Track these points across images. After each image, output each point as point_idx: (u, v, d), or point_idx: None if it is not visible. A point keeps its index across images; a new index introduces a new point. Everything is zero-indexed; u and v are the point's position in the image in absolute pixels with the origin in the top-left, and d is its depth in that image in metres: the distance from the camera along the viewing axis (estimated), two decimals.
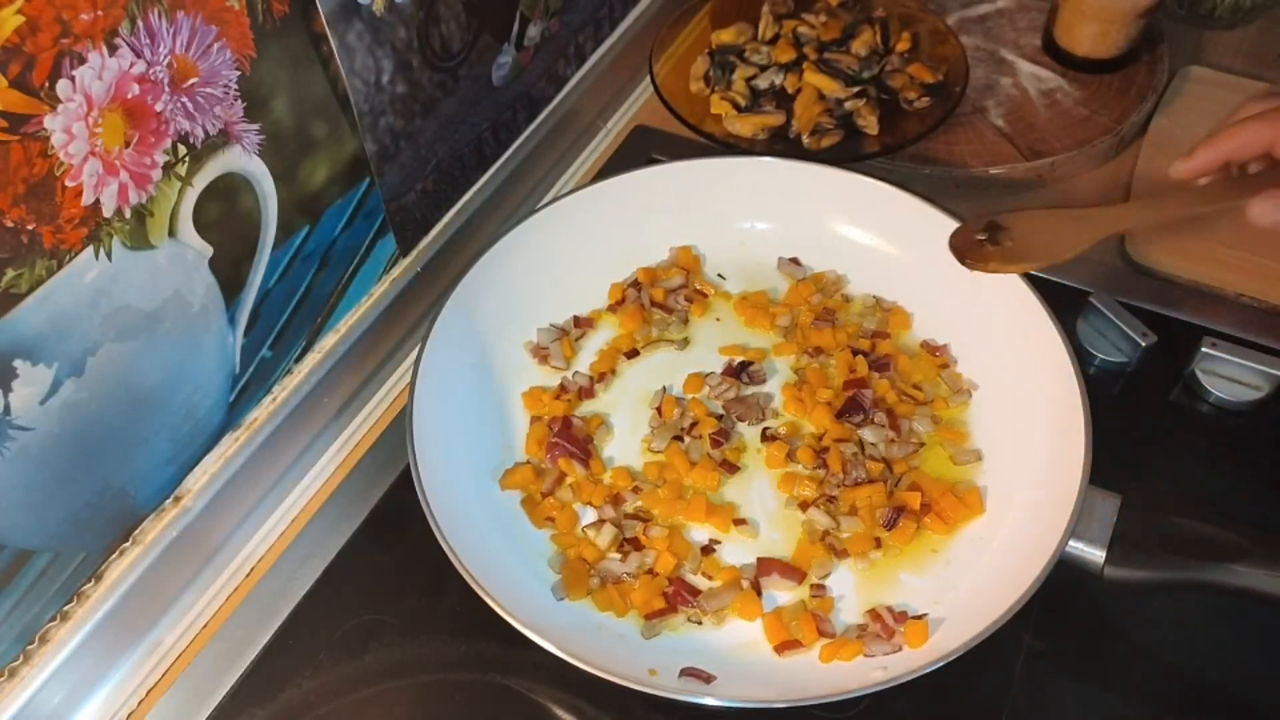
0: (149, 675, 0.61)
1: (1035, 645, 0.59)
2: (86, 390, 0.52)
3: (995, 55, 0.91)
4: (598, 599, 0.60)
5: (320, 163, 0.62)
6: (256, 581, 0.65)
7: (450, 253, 0.77)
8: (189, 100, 0.52)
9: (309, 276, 0.65)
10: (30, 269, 0.47)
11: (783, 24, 0.87)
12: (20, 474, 0.51)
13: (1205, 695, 0.59)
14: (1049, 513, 0.57)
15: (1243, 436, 0.69)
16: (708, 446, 0.66)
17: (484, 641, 0.60)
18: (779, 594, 0.61)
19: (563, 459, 0.65)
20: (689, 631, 0.59)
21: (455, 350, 0.67)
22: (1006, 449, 0.65)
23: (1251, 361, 0.69)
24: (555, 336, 0.72)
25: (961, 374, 0.69)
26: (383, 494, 0.68)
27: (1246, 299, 0.74)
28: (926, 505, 0.62)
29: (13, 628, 0.54)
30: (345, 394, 0.72)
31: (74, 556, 0.56)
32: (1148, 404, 0.70)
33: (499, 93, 0.78)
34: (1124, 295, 0.73)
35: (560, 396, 0.69)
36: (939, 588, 0.60)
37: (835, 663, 0.57)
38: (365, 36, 0.62)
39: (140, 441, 0.57)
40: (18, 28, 0.42)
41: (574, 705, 0.58)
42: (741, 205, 0.76)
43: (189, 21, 0.50)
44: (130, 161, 0.50)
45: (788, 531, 0.63)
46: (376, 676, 0.60)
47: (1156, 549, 0.56)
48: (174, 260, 0.55)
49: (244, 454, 0.64)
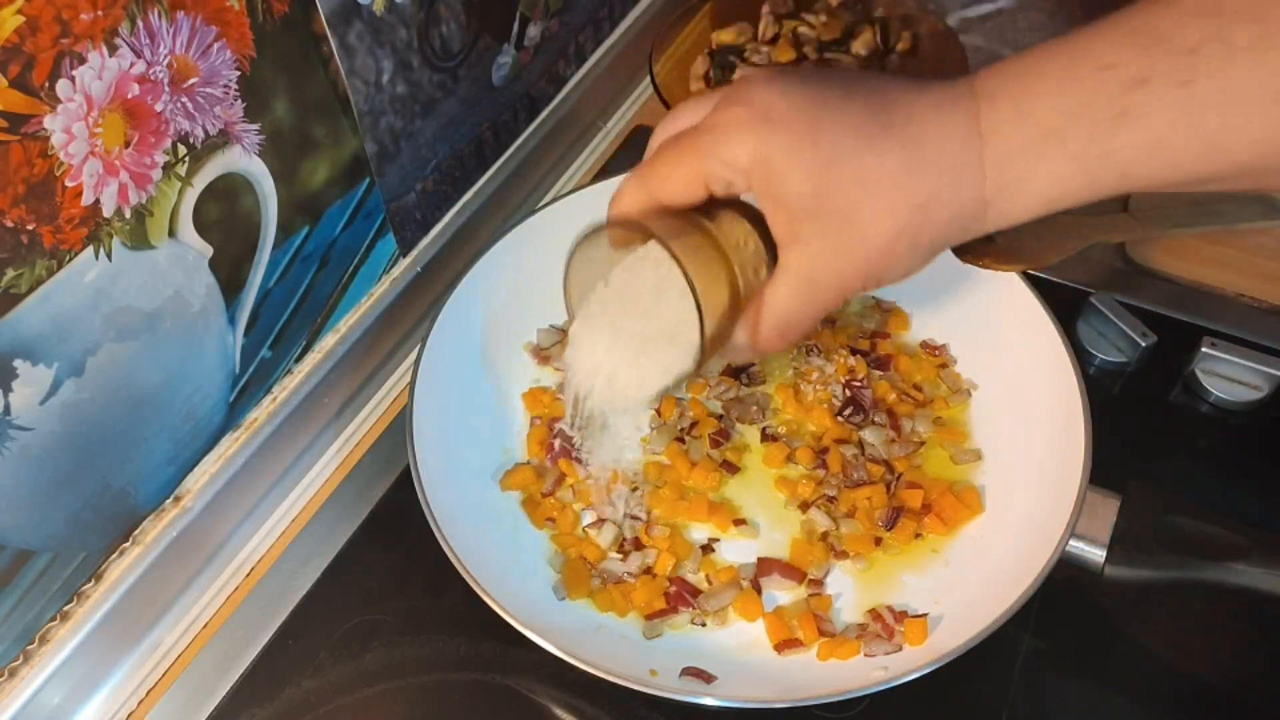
0: (149, 675, 0.61)
1: (1035, 645, 0.59)
2: (86, 390, 0.52)
3: (996, 55, 0.91)
4: (599, 600, 0.60)
5: (320, 163, 0.62)
6: (256, 581, 0.65)
7: (450, 253, 0.77)
8: (189, 100, 0.52)
9: (309, 276, 0.65)
10: (30, 269, 0.47)
11: (783, 24, 0.87)
12: (20, 474, 0.51)
13: (1205, 695, 0.59)
14: (1049, 513, 0.57)
15: (1243, 436, 0.69)
16: (708, 447, 0.66)
17: (484, 641, 0.60)
18: (779, 594, 0.61)
19: (563, 459, 0.65)
20: (690, 632, 0.59)
21: (455, 351, 0.67)
22: (1006, 449, 0.65)
23: (1251, 361, 0.69)
24: (556, 339, 0.72)
25: (961, 374, 0.69)
26: (383, 494, 0.68)
27: (1246, 299, 0.74)
28: (926, 505, 0.62)
29: (13, 628, 0.54)
30: (345, 394, 0.72)
31: (74, 556, 0.56)
32: (1148, 404, 0.70)
33: (499, 93, 0.78)
34: (1124, 295, 0.73)
35: (560, 396, 0.69)
36: (939, 588, 0.60)
37: (836, 663, 0.57)
38: (365, 36, 0.62)
39: (140, 441, 0.57)
40: (18, 28, 0.42)
41: (574, 705, 0.58)
42: None
43: (189, 21, 0.50)
44: (130, 161, 0.50)
45: (788, 531, 0.63)
46: (376, 676, 0.60)
47: (1156, 549, 0.56)
48: (174, 260, 0.55)
49: (244, 454, 0.64)
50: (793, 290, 0.46)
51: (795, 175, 0.44)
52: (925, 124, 0.44)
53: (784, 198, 0.44)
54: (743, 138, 0.44)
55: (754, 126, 0.44)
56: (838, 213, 0.44)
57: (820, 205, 0.44)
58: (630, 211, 0.48)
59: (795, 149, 0.43)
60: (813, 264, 0.45)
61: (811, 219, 0.44)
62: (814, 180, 0.43)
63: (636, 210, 0.48)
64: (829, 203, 0.44)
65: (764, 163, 0.44)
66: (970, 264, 0.65)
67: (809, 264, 0.45)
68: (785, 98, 0.44)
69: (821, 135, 0.43)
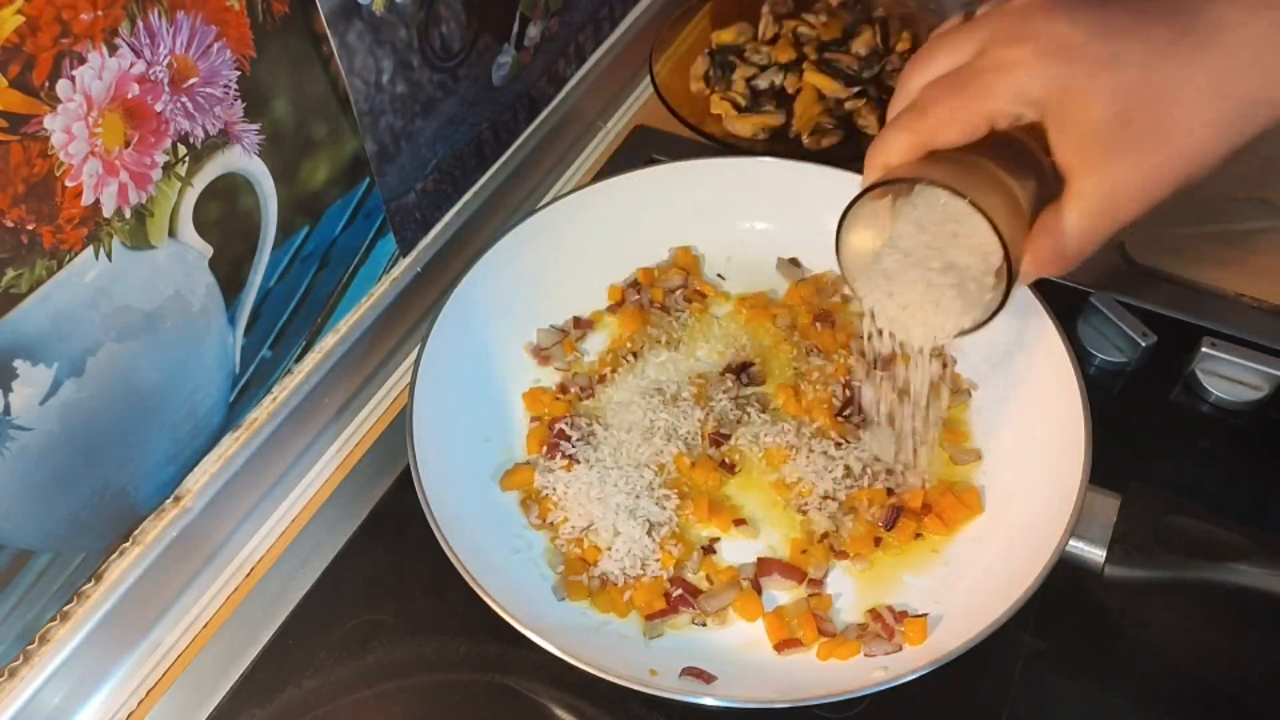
0: (149, 675, 0.61)
1: (1035, 645, 0.59)
2: (86, 390, 0.52)
3: None
4: (598, 602, 0.60)
5: (320, 163, 0.62)
6: (256, 581, 0.65)
7: (450, 253, 0.77)
8: (189, 100, 0.52)
9: (309, 276, 0.65)
10: (30, 269, 0.47)
11: (783, 24, 0.87)
12: (20, 474, 0.51)
13: (1205, 695, 0.59)
14: (1049, 513, 0.57)
15: (1243, 436, 0.69)
16: (708, 446, 0.66)
17: (484, 641, 0.60)
18: (779, 594, 0.61)
19: (563, 459, 0.65)
20: (690, 632, 0.59)
21: (455, 350, 0.67)
22: (1006, 449, 0.65)
23: (1251, 361, 0.69)
24: (556, 339, 0.72)
25: (961, 374, 0.69)
26: (383, 494, 0.68)
27: (1246, 299, 0.74)
28: (926, 505, 0.62)
29: (13, 628, 0.54)
30: (345, 394, 0.72)
31: (74, 556, 0.56)
32: (1148, 404, 0.70)
33: (499, 93, 0.78)
34: (1124, 295, 0.73)
35: (560, 397, 0.69)
36: (939, 588, 0.60)
37: (836, 663, 0.57)
38: (365, 36, 0.62)
39: (140, 441, 0.57)
40: (18, 28, 0.42)
41: (574, 705, 0.58)
42: (741, 205, 0.76)
43: (189, 21, 0.50)
44: (130, 161, 0.50)
45: (787, 531, 0.63)
46: (376, 676, 0.60)
47: (1156, 549, 0.56)
48: (174, 260, 0.55)
49: (244, 454, 0.64)
50: (1090, 214, 0.47)
51: (1098, 103, 0.44)
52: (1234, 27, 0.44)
53: (1086, 125, 0.45)
54: (1037, 72, 0.45)
55: (1048, 59, 0.45)
56: (1146, 133, 0.45)
57: (1127, 129, 0.45)
58: (900, 163, 0.49)
59: (1097, 75, 0.44)
60: (1115, 186, 0.46)
61: (1114, 143, 0.45)
62: (1119, 104, 0.44)
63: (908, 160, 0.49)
64: (1137, 125, 0.44)
65: (1062, 94, 0.45)
66: None
67: (1110, 186, 0.46)
68: (1076, 25, 0.44)
69: (1124, 58, 0.44)
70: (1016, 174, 0.48)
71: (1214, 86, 0.44)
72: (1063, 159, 0.46)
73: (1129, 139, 0.45)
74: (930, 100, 0.48)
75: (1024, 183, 0.48)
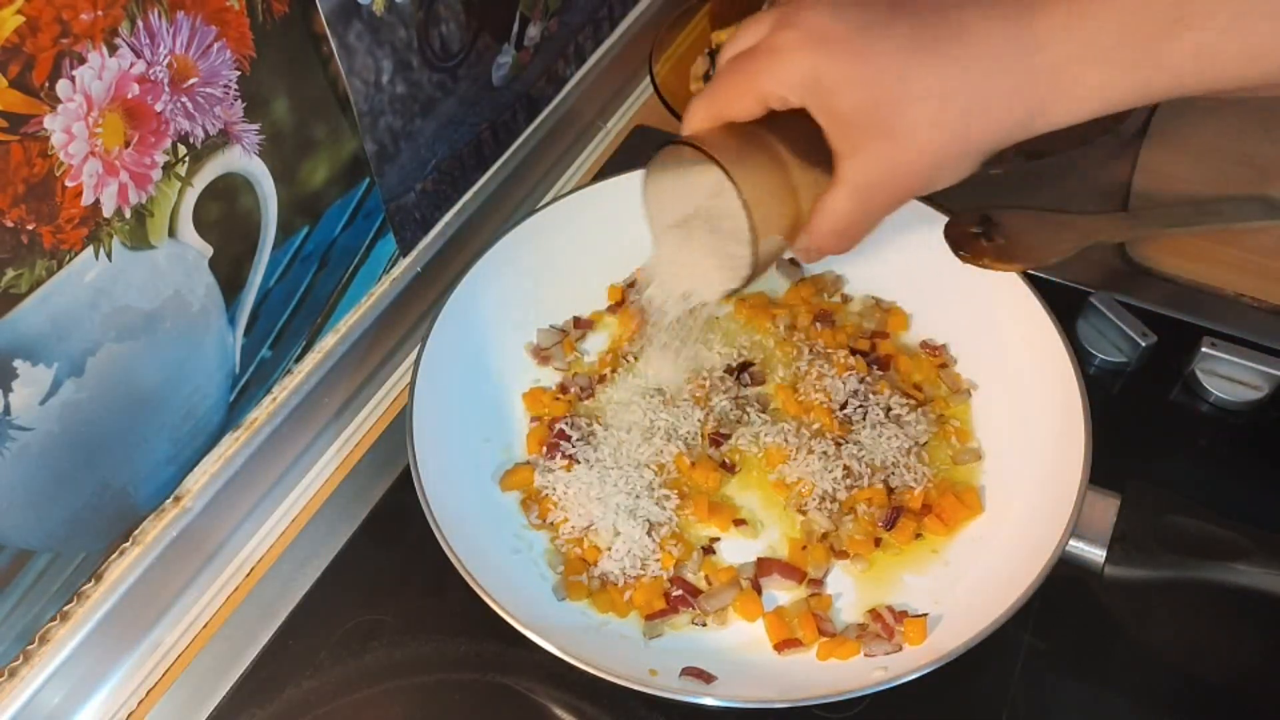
0: (149, 675, 0.61)
1: (1035, 645, 0.59)
2: (86, 390, 0.52)
3: None
4: (598, 601, 0.60)
5: (320, 163, 0.62)
6: (256, 581, 0.65)
7: (450, 253, 0.77)
8: (189, 100, 0.52)
9: (309, 276, 0.65)
10: (30, 269, 0.47)
11: None
12: (20, 474, 0.51)
13: (1205, 695, 0.59)
14: (1049, 513, 0.57)
15: (1243, 436, 0.69)
16: (708, 446, 0.66)
17: (484, 641, 0.60)
18: (779, 594, 0.61)
19: (563, 459, 0.65)
20: (690, 632, 0.59)
21: (455, 350, 0.67)
22: (1006, 449, 0.65)
23: (1251, 361, 0.69)
24: (556, 339, 0.72)
25: (961, 374, 0.69)
26: (383, 494, 0.68)
27: (1246, 299, 0.74)
28: (926, 505, 0.62)
29: (13, 628, 0.54)
30: (345, 394, 0.72)
31: (74, 556, 0.56)
32: (1148, 404, 0.70)
33: (499, 93, 0.78)
34: (1124, 295, 0.73)
35: (560, 397, 0.69)
36: (939, 588, 0.60)
37: (836, 663, 0.57)
38: (365, 36, 0.62)
39: (140, 441, 0.57)
40: (18, 28, 0.42)
41: (574, 705, 0.58)
42: None
43: (189, 21, 0.50)
44: (130, 161, 0.50)
45: (787, 531, 0.63)
46: (376, 676, 0.60)
47: (1156, 549, 0.56)
48: (174, 260, 0.55)
49: (244, 454, 0.64)
50: (849, 198, 0.49)
51: (847, 91, 0.46)
52: (975, 35, 0.46)
53: (838, 113, 0.47)
54: (797, 58, 0.47)
55: (807, 47, 0.47)
56: (888, 125, 0.47)
57: (871, 119, 0.46)
58: (700, 129, 0.52)
59: (846, 66, 0.46)
60: (868, 174, 0.48)
61: (864, 132, 0.47)
62: (864, 95, 0.46)
63: (706, 128, 0.52)
64: (879, 116, 0.46)
65: (816, 81, 0.47)
66: (970, 264, 0.65)
67: (864, 174, 0.48)
68: (836, 18, 0.47)
69: (871, 52, 0.46)
70: (806, 156, 0.50)
71: (942, 90, 0.46)
72: (832, 144, 0.49)
73: (877, 129, 0.47)
74: (719, 75, 0.51)
75: (809, 164, 0.50)
